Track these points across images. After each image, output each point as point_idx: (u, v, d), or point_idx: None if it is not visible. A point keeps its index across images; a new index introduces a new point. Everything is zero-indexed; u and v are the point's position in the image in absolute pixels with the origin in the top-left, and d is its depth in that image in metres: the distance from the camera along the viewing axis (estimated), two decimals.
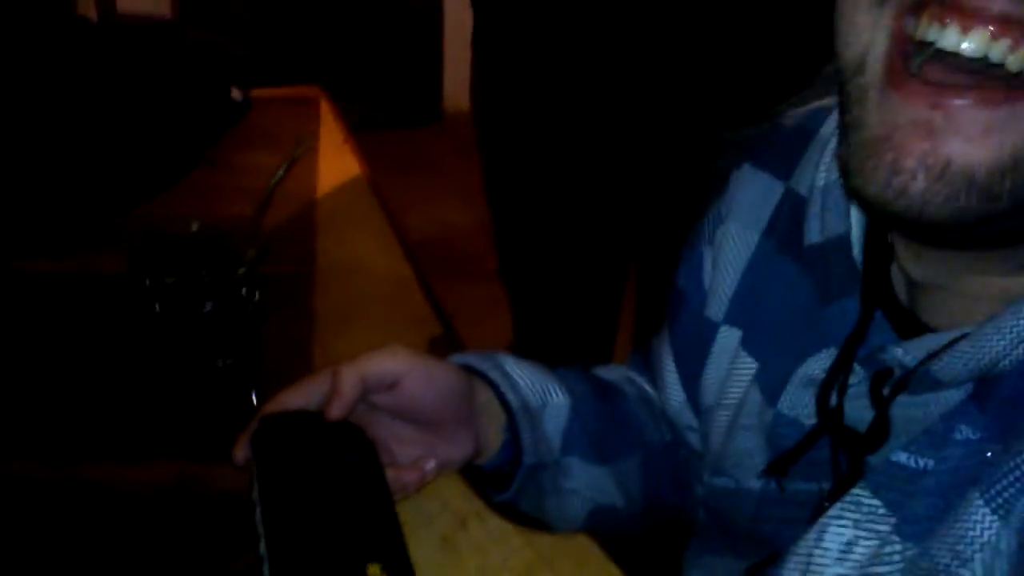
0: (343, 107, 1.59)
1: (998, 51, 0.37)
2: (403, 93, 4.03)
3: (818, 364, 0.60)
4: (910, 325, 0.53)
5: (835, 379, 0.58)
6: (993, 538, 0.42)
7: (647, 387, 0.82)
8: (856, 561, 0.50)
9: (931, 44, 0.38)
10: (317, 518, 0.58)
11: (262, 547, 0.56)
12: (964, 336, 0.47)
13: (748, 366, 0.67)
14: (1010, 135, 0.37)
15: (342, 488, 0.61)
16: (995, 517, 0.42)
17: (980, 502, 0.42)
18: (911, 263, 0.52)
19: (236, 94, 1.36)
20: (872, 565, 0.49)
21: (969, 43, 0.37)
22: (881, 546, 0.49)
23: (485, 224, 3.45)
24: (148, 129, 1.22)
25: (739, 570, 0.68)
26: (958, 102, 0.38)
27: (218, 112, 1.33)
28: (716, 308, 0.70)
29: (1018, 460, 0.41)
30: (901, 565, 0.47)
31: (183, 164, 1.23)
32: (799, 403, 0.61)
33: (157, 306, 0.76)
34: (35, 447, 0.78)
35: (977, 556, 0.42)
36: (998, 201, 0.38)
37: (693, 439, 0.76)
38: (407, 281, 1.08)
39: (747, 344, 0.67)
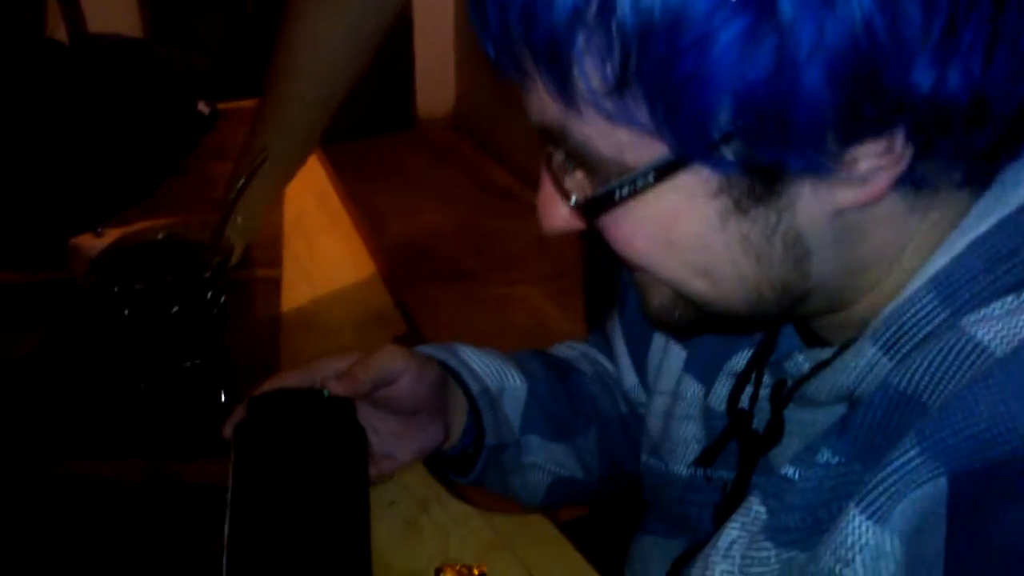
0: None
1: None
2: (375, 100, 4.05)
3: (740, 361, 0.65)
4: (811, 336, 0.59)
5: (747, 380, 0.64)
6: (872, 541, 0.45)
7: (605, 363, 0.86)
8: (733, 557, 0.54)
9: None
10: (283, 529, 0.58)
11: (224, 561, 0.57)
12: (832, 358, 0.53)
13: (678, 354, 0.71)
14: (656, 290, 0.55)
15: (319, 490, 0.61)
16: (871, 522, 0.45)
17: (856, 511, 0.46)
18: None
19: (203, 107, 1.39)
20: (749, 565, 0.53)
21: None
22: (750, 546, 0.53)
23: (461, 227, 3.48)
24: (119, 143, 1.25)
25: (669, 553, 0.72)
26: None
27: (186, 125, 1.36)
28: None
29: (887, 471, 0.45)
30: (777, 567, 0.52)
31: (154, 176, 1.26)
32: (725, 398, 0.66)
33: (126, 311, 0.80)
34: (11, 447, 0.81)
35: (858, 558, 0.46)
36: (683, 319, 0.55)
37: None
38: (372, 282, 1.11)
39: None
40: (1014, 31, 0.40)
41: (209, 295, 0.82)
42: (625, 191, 0.47)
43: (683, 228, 0.48)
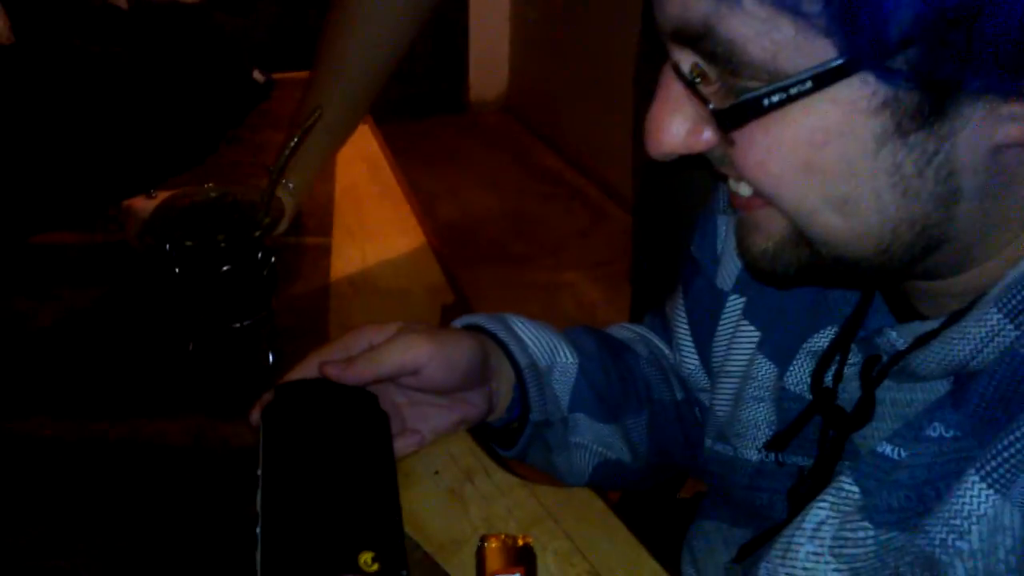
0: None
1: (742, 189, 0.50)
2: (428, 83, 4.06)
3: (822, 340, 0.62)
4: (905, 310, 0.55)
5: (832, 358, 0.60)
6: (991, 511, 0.43)
7: (661, 346, 0.84)
8: (822, 538, 0.51)
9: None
10: (316, 500, 0.58)
11: (258, 528, 0.56)
12: (940, 329, 0.49)
13: (750, 334, 0.68)
14: (766, 231, 0.50)
15: (347, 467, 0.62)
16: (992, 491, 0.43)
17: (976, 477, 0.43)
18: None
19: (258, 76, 1.39)
20: (843, 547, 0.50)
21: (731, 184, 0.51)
22: (842, 526, 0.50)
23: (508, 211, 3.48)
24: (173, 108, 1.26)
25: (733, 539, 0.70)
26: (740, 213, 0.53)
27: (241, 93, 1.36)
28: (725, 278, 0.72)
29: (1014, 437, 0.42)
30: (873, 548, 0.49)
31: (207, 142, 1.26)
32: (803, 379, 0.63)
33: (177, 269, 0.79)
34: (58, 405, 0.81)
35: (974, 528, 0.43)
36: (789, 266, 0.50)
37: (706, 400, 0.77)
38: (422, 252, 1.10)
39: (749, 312, 0.69)
40: None
41: (259, 255, 0.81)
42: (776, 98, 0.42)
43: (832, 149, 0.43)
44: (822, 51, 0.40)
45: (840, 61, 0.40)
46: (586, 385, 0.76)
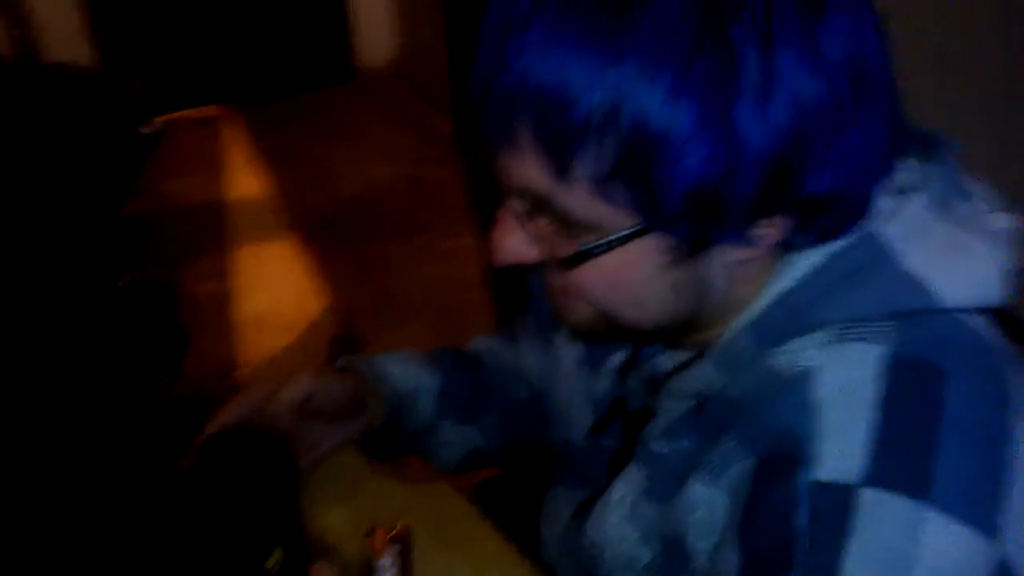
0: (253, 75, 1.62)
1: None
2: (313, 54, 4.01)
3: (617, 359, 0.85)
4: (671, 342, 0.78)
5: (626, 375, 0.83)
6: (708, 497, 0.66)
7: (511, 354, 1.05)
8: (622, 507, 0.75)
9: None
10: (237, 518, 0.77)
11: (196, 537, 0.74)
12: (683, 366, 0.72)
13: (570, 355, 0.90)
14: (578, 313, 0.69)
15: (262, 493, 0.79)
16: (704, 487, 0.66)
17: (696, 483, 0.67)
18: None
19: (147, 129, 1.48)
20: (635, 516, 0.74)
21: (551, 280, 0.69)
22: (637, 502, 0.74)
23: (411, 179, 3.46)
24: (60, 175, 1.32)
25: (574, 500, 0.92)
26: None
27: (129, 150, 1.44)
28: None
29: (715, 453, 0.66)
30: (652, 517, 0.73)
31: (106, 203, 1.37)
32: (608, 387, 0.86)
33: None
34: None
35: (699, 511, 0.67)
36: (594, 332, 0.71)
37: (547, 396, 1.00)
38: (306, 291, 1.27)
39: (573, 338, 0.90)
40: (858, 156, 0.58)
41: None
42: (600, 249, 0.61)
43: (632, 275, 0.63)
44: (629, 220, 0.59)
45: (640, 227, 0.60)
46: (448, 398, 0.99)
